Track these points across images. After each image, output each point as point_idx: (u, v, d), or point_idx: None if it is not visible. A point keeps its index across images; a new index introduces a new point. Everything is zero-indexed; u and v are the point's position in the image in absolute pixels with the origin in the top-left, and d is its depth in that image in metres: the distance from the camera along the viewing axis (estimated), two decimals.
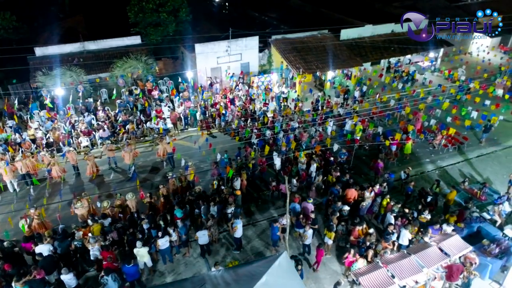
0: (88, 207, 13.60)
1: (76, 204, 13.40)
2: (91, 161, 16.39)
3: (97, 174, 16.84)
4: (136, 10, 25.83)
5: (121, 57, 23.35)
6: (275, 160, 15.80)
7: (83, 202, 13.40)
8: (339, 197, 13.99)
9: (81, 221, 13.26)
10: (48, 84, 21.51)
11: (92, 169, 16.50)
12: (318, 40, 26.26)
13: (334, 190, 14.18)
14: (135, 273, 11.09)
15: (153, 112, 20.85)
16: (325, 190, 15.33)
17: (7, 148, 17.39)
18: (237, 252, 12.99)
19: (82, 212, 13.41)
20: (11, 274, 10.78)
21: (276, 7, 35.46)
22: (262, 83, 24.63)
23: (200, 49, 24.03)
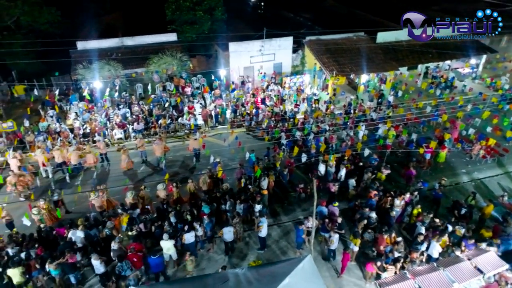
0: (104, 199, 13.86)
1: (92, 195, 13.76)
2: (125, 154, 16.88)
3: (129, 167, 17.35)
4: (173, 8, 26.37)
5: (157, 53, 23.89)
6: (319, 167, 15.56)
7: (98, 194, 13.72)
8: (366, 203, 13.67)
9: (99, 211, 13.61)
10: (87, 77, 22.38)
11: (126, 162, 16.98)
12: (353, 42, 25.79)
13: (371, 201, 13.71)
14: (160, 264, 11.30)
15: (185, 108, 21.21)
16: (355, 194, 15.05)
17: (47, 136, 18.22)
18: (261, 251, 12.98)
19: (98, 203, 13.75)
20: (45, 256, 11.29)
21: (311, 8, 35.14)
22: (294, 84, 24.49)
23: (233, 48, 24.20)
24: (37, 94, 22.08)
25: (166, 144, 17.81)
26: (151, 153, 17.80)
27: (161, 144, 17.10)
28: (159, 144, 17.07)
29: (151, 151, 17.75)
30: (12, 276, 10.69)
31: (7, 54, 24.02)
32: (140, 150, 17.78)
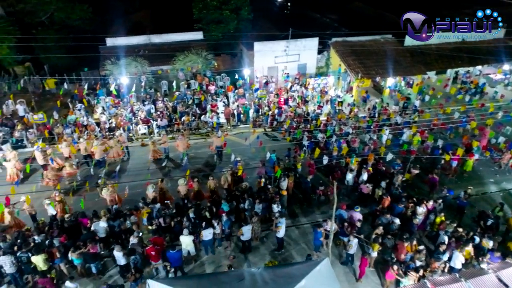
0: (115, 194, 14.11)
1: (102, 190, 14.04)
2: (154, 145, 17.22)
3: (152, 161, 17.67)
4: (201, 7, 26.70)
5: (183, 51, 24.22)
6: (347, 176, 15.43)
7: (108, 189, 14.00)
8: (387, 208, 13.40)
9: (110, 206, 13.83)
10: (115, 72, 22.95)
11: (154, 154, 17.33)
12: (380, 44, 25.32)
13: (398, 208, 13.38)
14: (178, 259, 11.46)
15: (208, 106, 21.42)
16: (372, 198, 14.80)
17: (74, 129, 18.80)
18: (277, 252, 12.94)
19: (108, 197, 14.00)
20: (68, 245, 11.64)
21: (337, 9, 34.75)
22: (318, 85, 24.29)
23: (258, 47, 24.24)
24: (67, 88, 22.81)
25: (188, 141, 18.05)
26: (174, 149, 18.06)
27: (183, 140, 17.35)
28: (182, 140, 17.32)
29: (174, 147, 18.01)
30: (36, 263, 11.09)
31: (41, 48, 24.94)
32: (163, 146, 18.08)
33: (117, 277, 11.92)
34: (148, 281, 8.66)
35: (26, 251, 11.21)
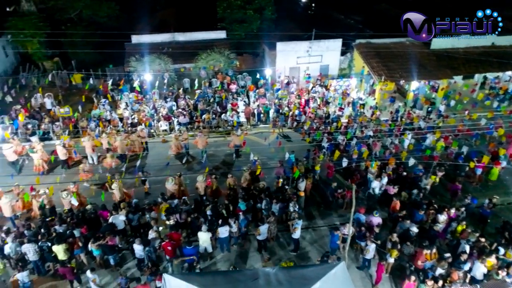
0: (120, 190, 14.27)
1: (111, 186, 14.21)
2: (177, 140, 17.53)
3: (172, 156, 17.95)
4: (225, 6, 26.85)
5: (206, 50, 24.42)
6: (372, 184, 15.16)
7: (116, 184, 14.18)
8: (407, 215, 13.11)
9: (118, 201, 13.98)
10: (139, 69, 23.40)
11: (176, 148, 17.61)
12: (405, 47, 24.80)
13: (418, 215, 13.09)
14: (194, 255, 11.56)
15: (229, 105, 21.52)
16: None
17: (98, 123, 19.26)
18: (293, 253, 12.89)
19: (116, 193, 14.18)
20: (88, 236, 11.94)
21: (363, 10, 34.25)
22: (339, 87, 24.03)
23: (281, 48, 24.19)
24: (92, 83, 23.41)
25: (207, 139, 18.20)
26: (193, 146, 18.24)
27: (202, 138, 17.52)
28: (201, 138, 17.50)
29: (193, 144, 18.20)
30: (56, 252, 11.42)
31: (69, 44, 25.68)
32: (183, 143, 18.28)
33: (134, 270, 12.15)
34: (164, 275, 8.78)
35: (48, 240, 11.57)
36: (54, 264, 11.97)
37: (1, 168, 16.53)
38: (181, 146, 17.89)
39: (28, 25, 24.70)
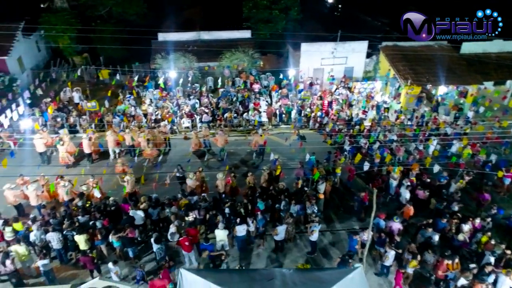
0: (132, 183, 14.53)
1: (123, 179, 14.51)
2: (197, 136, 17.74)
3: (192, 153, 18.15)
4: (251, 6, 26.92)
5: (230, 49, 24.55)
6: (403, 193, 14.80)
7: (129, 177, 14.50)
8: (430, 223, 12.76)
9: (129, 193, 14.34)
10: (164, 66, 23.77)
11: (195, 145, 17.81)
12: (434, 51, 24.19)
13: (440, 223, 12.74)
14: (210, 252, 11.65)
15: (251, 105, 21.57)
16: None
17: (122, 118, 19.68)
18: (310, 255, 12.78)
19: (129, 185, 14.45)
20: (109, 228, 12.22)
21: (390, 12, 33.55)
22: (364, 90, 23.65)
23: (305, 48, 24.03)
24: (119, 79, 23.94)
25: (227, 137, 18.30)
26: (213, 144, 18.37)
27: (223, 136, 17.63)
28: (221, 136, 17.61)
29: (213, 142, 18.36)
30: (78, 242, 11.75)
31: (98, 40, 26.38)
32: (203, 139, 18.43)
33: (152, 263, 12.33)
34: (180, 270, 8.88)
35: (71, 230, 11.92)
36: (76, 253, 12.32)
37: (30, 158, 17.15)
38: (200, 143, 18.05)
39: (60, 21, 25.54)
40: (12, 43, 23.45)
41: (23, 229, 12.32)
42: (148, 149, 17.38)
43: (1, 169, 13.96)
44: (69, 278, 11.85)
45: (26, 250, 11.56)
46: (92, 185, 14.29)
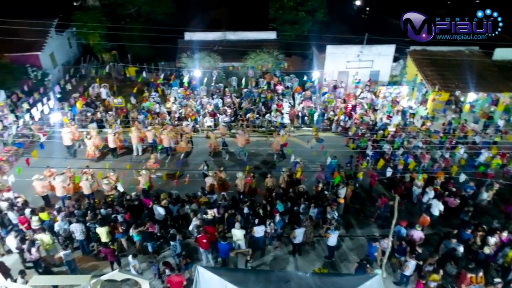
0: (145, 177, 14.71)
1: (139, 173, 14.74)
2: (214, 137, 17.85)
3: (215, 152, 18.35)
4: (277, 7, 26.90)
5: (255, 50, 24.62)
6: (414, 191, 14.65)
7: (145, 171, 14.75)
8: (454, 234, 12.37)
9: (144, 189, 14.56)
10: (189, 65, 24.08)
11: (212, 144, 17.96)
12: (464, 56, 23.48)
13: (464, 234, 12.33)
14: (227, 251, 11.71)
15: (273, 106, 21.55)
16: None
17: (147, 115, 20.06)
18: (328, 260, 12.63)
19: (142, 180, 14.63)
20: (130, 222, 12.47)
21: None
22: (389, 94, 23.21)
23: (331, 50, 23.81)
24: (145, 77, 24.44)
25: (248, 137, 18.35)
26: (234, 144, 18.44)
27: (243, 136, 17.70)
28: (241, 136, 17.67)
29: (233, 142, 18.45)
30: (100, 234, 12.05)
31: (127, 38, 27.03)
32: (219, 139, 18.51)
33: (170, 259, 12.48)
34: (197, 267, 8.96)
35: (94, 222, 12.23)
36: (98, 245, 12.64)
37: (58, 151, 17.73)
38: (216, 144, 18.11)
39: (91, 19, 26.31)
40: (45, 39, 24.37)
41: (48, 219, 12.75)
42: (183, 143, 17.64)
43: (31, 159, 14.47)
44: (90, 269, 12.16)
45: (51, 239, 11.95)
46: (113, 179, 14.62)
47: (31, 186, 14.21)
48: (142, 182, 14.61)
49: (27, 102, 19.73)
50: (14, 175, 14.34)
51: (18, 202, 13.32)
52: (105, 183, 14.49)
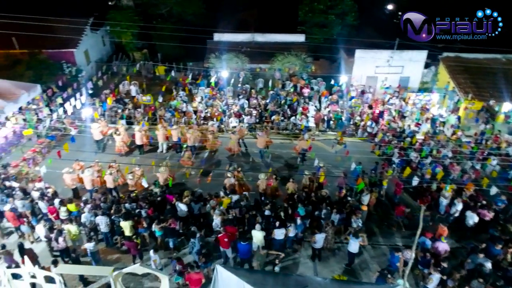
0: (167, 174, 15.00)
1: (159, 169, 14.93)
2: (235, 139, 17.91)
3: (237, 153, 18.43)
4: (307, 10, 26.76)
5: (283, 52, 24.60)
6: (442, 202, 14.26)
7: (165, 168, 14.97)
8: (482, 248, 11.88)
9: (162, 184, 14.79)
10: (217, 66, 24.35)
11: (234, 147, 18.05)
12: (501, 64, 22.56)
13: (494, 250, 11.84)
14: (247, 252, 11.71)
15: (299, 109, 21.44)
16: None
17: (174, 114, 20.42)
18: (348, 267, 12.42)
19: (162, 176, 14.87)
20: (153, 217, 12.71)
21: None
22: (419, 101, 22.60)
23: (360, 55, 23.46)
24: (173, 76, 24.90)
25: (270, 138, 18.37)
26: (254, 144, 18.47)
27: (263, 138, 17.70)
28: (262, 137, 17.68)
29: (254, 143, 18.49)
30: (123, 228, 12.34)
31: (157, 38, 27.66)
32: (240, 138, 18.57)
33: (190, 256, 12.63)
34: (217, 266, 9.01)
35: (118, 215, 12.55)
36: (121, 238, 12.95)
37: (88, 145, 18.32)
38: (233, 147, 18.13)
39: (125, 18, 27.09)
40: (81, 37, 25.29)
41: (76, 211, 13.19)
42: (214, 140, 17.89)
43: (62, 152, 15.02)
44: (113, 261, 12.48)
45: (77, 230, 12.36)
46: (138, 174, 14.94)
47: (61, 178, 14.75)
48: (161, 179, 14.87)
49: (61, 97, 20.53)
50: (46, 166, 14.97)
51: (48, 192, 13.87)
52: (129, 178, 14.83)
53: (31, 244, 12.82)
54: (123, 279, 10.27)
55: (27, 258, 9.54)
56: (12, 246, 11.54)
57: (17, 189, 13.78)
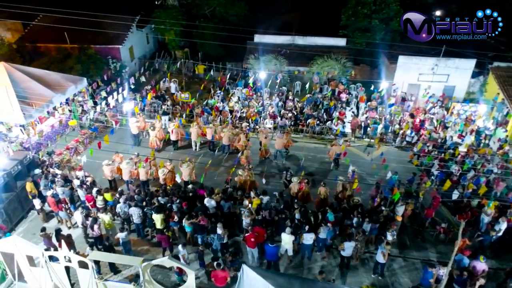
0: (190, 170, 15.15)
1: (182, 165, 15.10)
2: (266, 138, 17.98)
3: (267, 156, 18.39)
4: (350, 14, 26.24)
5: (322, 55, 24.28)
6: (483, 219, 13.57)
7: (188, 164, 15.08)
8: None
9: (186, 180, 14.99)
10: (255, 67, 24.46)
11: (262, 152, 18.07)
12: None
13: None
14: (274, 254, 11.66)
15: (336, 113, 21.06)
16: None
17: (210, 112, 20.71)
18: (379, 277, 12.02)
19: (185, 172, 14.99)
20: (185, 212, 12.93)
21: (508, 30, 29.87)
22: (464, 112, 21.49)
23: (403, 61, 22.68)
24: (212, 75, 25.28)
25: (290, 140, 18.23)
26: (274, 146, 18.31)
27: (282, 139, 17.61)
28: (280, 138, 17.63)
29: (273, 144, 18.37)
30: (155, 221, 12.66)
31: (199, 37, 28.23)
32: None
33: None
34: (243, 266, 9.00)
35: (151, 208, 12.89)
36: (152, 230, 13.29)
37: (126, 138, 18.98)
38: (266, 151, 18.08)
39: (169, 17, 27.87)
40: (127, 34, 26.31)
41: (111, 200, 13.70)
42: (245, 141, 17.95)
43: (103, 144, 15.65)
44: (143, 252, 12.84)
45: (111, 219, 12.82)
46: (169, 168, 15.27)
47: (100, 168, 15.35)
48: (185, 175, 15.11)
49: (105, 90, 21.41)
50: (87, 156, 15.65)
51: (87, 181, 14.50)
52: (161, 172, 15.20)
53: (68, 230, 13.45)
54: (151, 271, 10.50)
55: (64, 242, 9.99)
56: (52, 230, 12.15)
57: (59, 176, 14.52)
